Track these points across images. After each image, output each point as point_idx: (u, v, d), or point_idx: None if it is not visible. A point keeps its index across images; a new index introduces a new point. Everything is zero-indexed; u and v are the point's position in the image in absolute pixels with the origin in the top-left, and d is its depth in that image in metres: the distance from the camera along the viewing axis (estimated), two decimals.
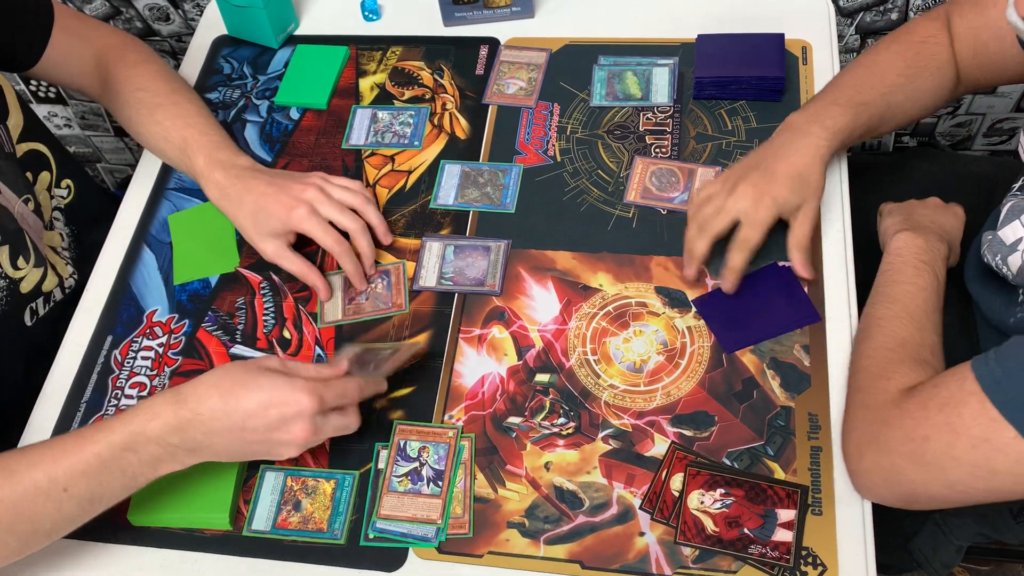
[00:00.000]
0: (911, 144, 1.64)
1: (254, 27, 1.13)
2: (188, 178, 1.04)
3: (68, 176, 1.02)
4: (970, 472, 0.64)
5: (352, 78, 1.11)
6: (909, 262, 0.83)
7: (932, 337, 0.78)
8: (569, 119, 1.04)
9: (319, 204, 0.89)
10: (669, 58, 1.06)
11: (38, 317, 0.93)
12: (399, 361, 0.84)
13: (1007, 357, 0.63)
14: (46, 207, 0.97)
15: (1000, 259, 0.84)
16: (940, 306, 0.81)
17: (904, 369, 0.73)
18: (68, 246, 0.99)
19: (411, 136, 1.04)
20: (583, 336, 0.88)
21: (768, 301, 0.87)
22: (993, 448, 0.62)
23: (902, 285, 0.81)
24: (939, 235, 0.87)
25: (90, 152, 1.81)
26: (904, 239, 0.86)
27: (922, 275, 0.82)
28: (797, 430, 0.80)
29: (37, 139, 0.98)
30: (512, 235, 0.95)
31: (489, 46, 1.12)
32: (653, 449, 0.81)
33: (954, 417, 0.64)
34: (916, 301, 0.80)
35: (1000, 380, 0.63)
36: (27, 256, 0.89)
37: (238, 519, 0.81)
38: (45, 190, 0.98)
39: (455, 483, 0.80)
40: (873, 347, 0.78)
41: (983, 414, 0.63)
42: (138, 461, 0.71)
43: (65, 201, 1.01)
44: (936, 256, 0.84)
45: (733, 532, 0.75)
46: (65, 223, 1.00)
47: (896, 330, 0.77)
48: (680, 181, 0.96)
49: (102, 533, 0.81)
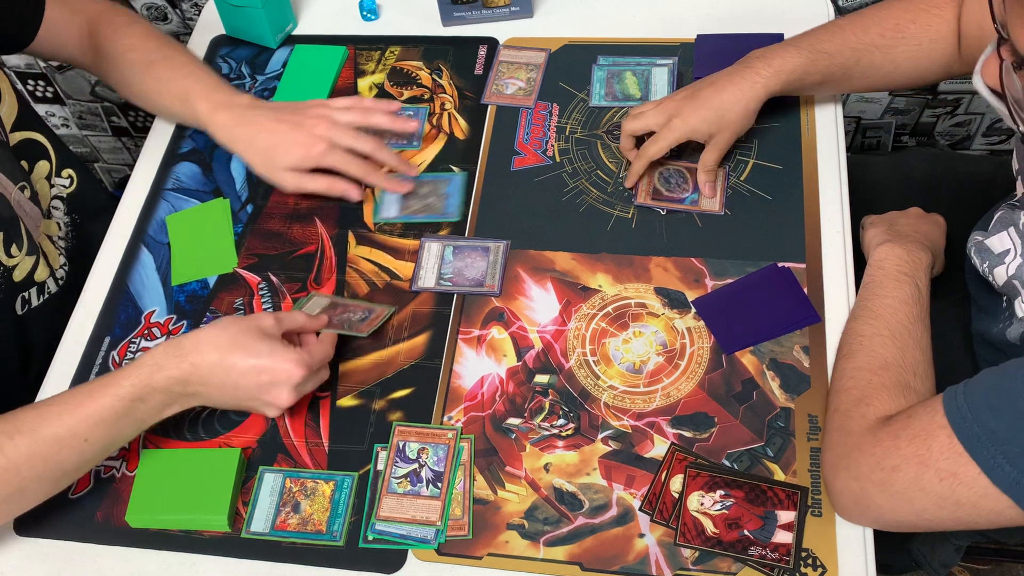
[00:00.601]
0: (910, 144, 1.64)
1: (252, 27, 1.13)
2: (186, 178, 1.04)
3: (69, 166, 1.03)
4: (936, 503, 0.65)
5: (351, 78, 1.11)
6: (890, 274, 0.83)
7: (915, 355, 0.77)
8: (568, 119, 1.03)
9: (337, 137, 0.94)
10: (668, 58, 1.06)
11: (30, 307, 0.93)
12: (373, 325, 0.87)
13: (973, 392, 0.64)
14: (44, 196, 0.97)
15: (987, 267, 0.85)
16: (923, 316, 0.80)
17: (884, 395, 0.74)
18: (65, 235, 0.99)
19: (411, 136, 1.03)
20: (582, 337, 0.88)
21: (768, 302, 0.87)
22: (958, 482, 0.63)
23: (883, 299, 0.81)
24: (921, 244, 0.87)
25: (88, 152, 1.80)
26: (885, 250, 0.85)
27: (903, 287, 0.81)
28: (797, 431, 0.80)
29: (33, 128, 0.98)
30: (511, 236, 0.95)
31: (488, 46, 1.12)
32: (653, 450, 0.80)
33: (923, 450, 0.65)
34: (898, 316, 0.79)
35: (966, 416, 0.63)
36: (20, 244, 0.89)
37: (237, 521, 0.81)
38: (44, 179, 0.98)
39: (454, 485, 0.80)
40: (855, 367, 0.77)
41: (950, 448, 0.63)
42: (146, 409, 0.77)
43: (68, 191, 1.01)
44: (918, 266, 0.84)
45: (733, 534, 0.75)
46: (65, 212, 1.00)
47: (878, 350, 0.77)
48: (689, 181, 0.96)
49: (101, 535, 0.81)
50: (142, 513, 0.80)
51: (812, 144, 0.97)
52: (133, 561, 0.80)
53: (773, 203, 0.94)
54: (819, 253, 0.90)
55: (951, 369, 0.90)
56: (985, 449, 0.62)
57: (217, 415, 0.87)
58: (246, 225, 1.00)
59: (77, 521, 0.82)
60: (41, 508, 0.83)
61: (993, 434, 0.61)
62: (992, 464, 0.61)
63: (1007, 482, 0.61)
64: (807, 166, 0.96)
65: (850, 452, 0.71)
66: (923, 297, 0.82)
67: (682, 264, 0.91)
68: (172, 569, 0.79)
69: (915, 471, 0.65)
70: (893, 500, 0.68)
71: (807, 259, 0.89)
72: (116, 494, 0.83)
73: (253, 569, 0.78)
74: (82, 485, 0.84)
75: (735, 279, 0.89)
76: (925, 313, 0.81)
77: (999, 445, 0.61)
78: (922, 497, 0.65)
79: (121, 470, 0.85)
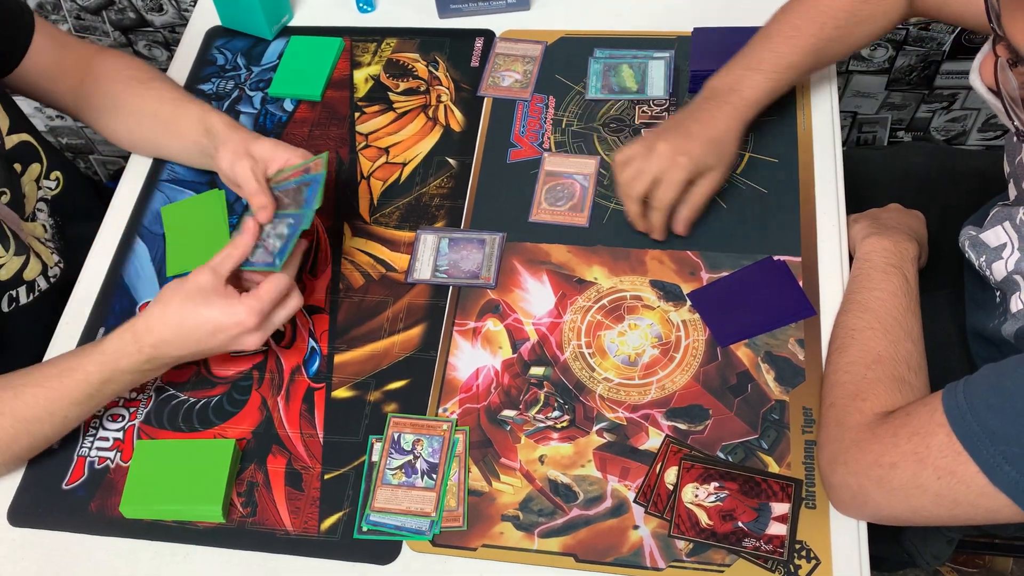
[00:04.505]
0: (906, 139, 1.64)
1: (248, 18, 1.13)
2: (181, 169, 1.04)
3: (57, 168, 1.02)
4: (933, 501, 0.65)
5: (346, 70, 1.11)
6: (878, 266, 0.83)
7: (906, 346, 0.77)
8: (564, 112, 1.03)
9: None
10: (665, 51, 1.06)
11: (17, 305, 0.92)
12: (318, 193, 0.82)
13: (973, 390, 0.64)
14: (31, 197, 0.96)
15: (985, 261, 0.85)
16: (913, 307, 0.81)
17: (880, 390, 0.74)
18: (52, 237, 0.99)
19: (278, 252, 0.82)
20: (578, 329, 0.88)
21: (763, 295, 0.87)
22: (957, 480, 0.63)
23: (872, 291, 0.81)
24: (907, 235, 0.87)
25: (82, 143, 1.80)
26: (871, 243, 0.86)
27: (891, 279, 0.82)
28: (791, 424, 0.80)
29: (26, 131, 0.97)
30: (507, 228, 0.95)
31: (484, 38, 1.11)
32: (647, 442, 0.81)
33: (922, 447, 0.65)
34: (887, 308, 0.79)
35: (965, 414, 0.63)
36: (7, 244, 0.89)
37: (231, 511, 0.81)
38: (33, 181, 0.97)
39: (449, 476, 0.80)
40: (848, 361, 0.77)
41: (949, 447, 0.63)
42: (119, 386, 0.81)
43: (52, 192, 1.00)
44: (904, 257, 0.84)
45: (727, 525, 0.75)
46: (49, 214, 0.99)
47: (870, 344, 0.77)
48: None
49: (95, 526, 0.81)
50: (136, 504, 0.80)
51: (808, 138, 0.98)
52: (127, 552, 0.80)
53: (769, 197, 0.94)
54: (814, 247, 0.90)
55: (946, 364, 0.90)
56: (984, 448, 0.61)
57: (212, 407, 0.87)
58: (241, 215, 0.99)
59: (71, 512, 0.82)
60: (35, 498, 0.83)
61: (992, 434, 0.61)
62: (991, 464, 0.61)
63: (1006, 482, 0.61)
64: (803, 160, 0.96)
65: (848, 448, 0.71)
66: (911, 288, 0.82)
67: (678, 257, 0.91)
68: (166, 560, 0.79)
69: (913, 468, 0.65)
70: (891, 497, 0.68)
71: (802, 253, 0.90)
72: (110, 485, 0.83)
73: (247, 560, 0.78)
74: (76, 476, 0.84)
75: (730, 272, 0.89)
76: (915, 303, 0.81)
77: (998, 445, 0.61)
78: (920, 494, 0.66)
79: (115, 461, 0.84)
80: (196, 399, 0.87)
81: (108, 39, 1.56)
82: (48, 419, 0.79)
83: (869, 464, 0.68)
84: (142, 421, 0.87)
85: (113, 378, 0.79)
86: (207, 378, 0.89)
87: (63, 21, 1.54)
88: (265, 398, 0.87)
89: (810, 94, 1.01)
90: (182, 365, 0.88)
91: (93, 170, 1.88)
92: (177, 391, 0.88)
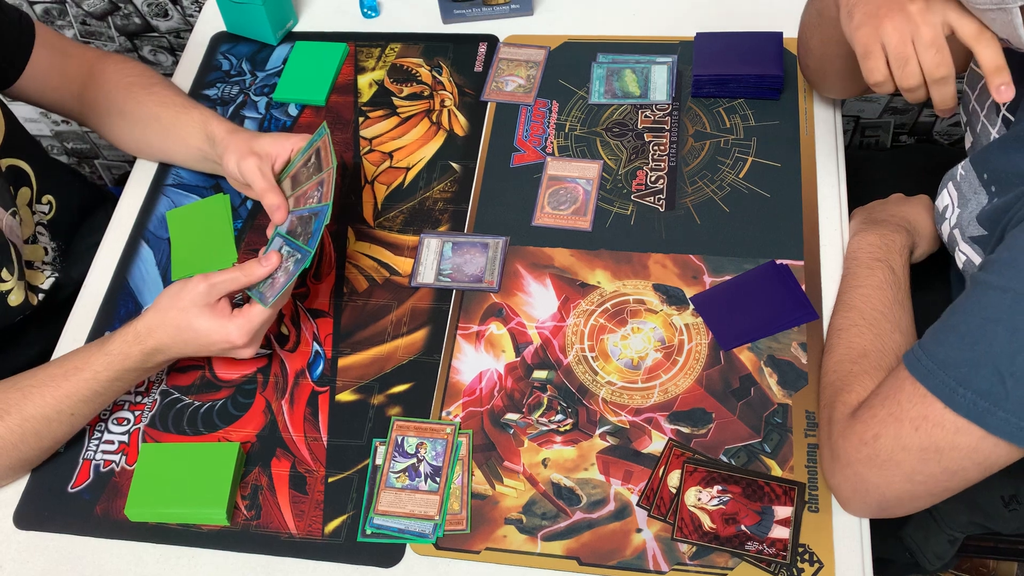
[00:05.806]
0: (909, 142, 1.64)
1: (253, 23, 1.13)
2: (186, 174, 1.04)
3: (48, 191, 1.00)
4: (920, 458, 0.66)
5: (351, 75, 1.11)
6: (862, 262, 0.83)
7: (894, 338, 0.78)
8: (568, 116, 1.04)
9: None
10: (668, 56, 1.06)
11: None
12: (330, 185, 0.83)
13: (926, 338, 0.68)
14: (28, 222, 0.96)
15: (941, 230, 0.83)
16: (901, 298, 0.81)
17: (865, 380, 0.74)
18: (52, 260, 0.99)
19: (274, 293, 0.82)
20: (581, 333, 0.88)
21: (766, 299, 0.87)
22: (931, 424, 0.65)
23: (857, 289, 0.82)
24: (895, 226, 0.86)
25: (88, 148, 1.81)
26: (857, 240, 0.86)
27: (876, 273, 0.82)
28: (794, 427, 0.80)
29: (17, 155, 0.96)
30: (510, 232, 0.95)
31: (488, 43, 1.12)
32: (650, 446, 0.81)
33: (895, 407, 0.67)
34: (871, 303, 0.80)
35: (920, 357, 0.66)
36: (11, 269, 0.89)
37: (235, 514, 0.81)
38: (26, 205, 0.96)
39: (452, 479, 0.80)
40: (835, 360, 0.78)
41: (915, 392, 0.66)
42: (125, 384, 0.83)
43: (47, 217, 0.99)
44: (891, 249, 0.84)
45: (730, 529, 0.75)
46: (50, 238, 0.99)
47: (855, 340, 0.78)
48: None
49: (100, 529, 0.81)
50: (141, 507, 0.80)
51: (811, 143, 0.98)
52: (132, 554, 0.80)
53: (772, 201, 0.94)
54: (817, 250, 0.90)
55: None
56: (939, 380, 0.64)
57: (216, 410, 0.87)
58: (246, 220, 1.00)
59: (76, 515, 0.82)
60: (40, 502, 0.83)
61: (943, 363, 0.64)
62: (948, 392, 0.63)
63: (966, 407, 0.63)
64: (805, 164, 0.96)
65: (836, 441, 0.72)
66: (899, 279, 0.82)
67: (681, 261, 0.91)
68: (171, 562, 0.79)
69: (893, 430, 0.67)
70: (883, 471, 0.68)
71: (805, 256, 0.90)
72: (115, 488, 0.83)
73: (251, 563, 0.79)
74: (81, 479, 0.84)
75: (733, 276, 0.89)
76: (903, 294, 0.81)
77: (949, 371, 0.63)
78: (906, 456, 0.67)
79: (120, 464, 0.85)
80: (201, 402, 0.88)
81: (113, 44, 1.57)
82: (56, 418, 0.80)
83: (856, 446, 0.70)
84: (147, 424, 0.87)
85: (120, 376, 0.81)
86: (211, 381, 0.89)
87: (68, 27, 1.55)
88: (269, 401, 0.87)
89: (812, 99, 1.01)
90: (187, 368, 0.89)
91: (98, 175, 1.89)
92: (182, 394, 0.89)
